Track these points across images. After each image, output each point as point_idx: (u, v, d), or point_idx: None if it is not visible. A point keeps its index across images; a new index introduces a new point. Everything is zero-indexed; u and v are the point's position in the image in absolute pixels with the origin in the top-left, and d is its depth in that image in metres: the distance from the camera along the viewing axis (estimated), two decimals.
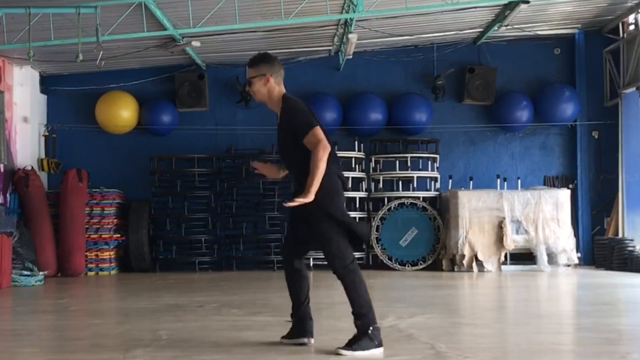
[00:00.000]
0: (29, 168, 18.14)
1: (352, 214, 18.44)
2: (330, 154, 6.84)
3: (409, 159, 18.95)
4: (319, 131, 6.79)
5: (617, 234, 18.58)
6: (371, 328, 6.76)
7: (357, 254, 18.24)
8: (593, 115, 19.67)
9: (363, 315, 6.78)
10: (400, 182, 19.07)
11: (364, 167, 19.18)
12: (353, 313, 6.84)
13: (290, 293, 7.23)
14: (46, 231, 17.55)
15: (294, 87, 19.18)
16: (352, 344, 6.74)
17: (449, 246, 17.79)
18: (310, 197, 6.66)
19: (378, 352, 6.72)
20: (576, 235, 18.51)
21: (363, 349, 6.69)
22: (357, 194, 18.75)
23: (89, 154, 19.67)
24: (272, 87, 7.08)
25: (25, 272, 15.48)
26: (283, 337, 7.27)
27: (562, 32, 19.69)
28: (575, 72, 19.83)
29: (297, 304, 7.19)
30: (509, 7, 16.73)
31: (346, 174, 18.32)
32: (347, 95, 19.76)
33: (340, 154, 18.59)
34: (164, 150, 19.44)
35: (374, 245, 18.15)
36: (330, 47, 19.31)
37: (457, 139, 19.99)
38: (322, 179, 6.77)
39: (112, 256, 18.40)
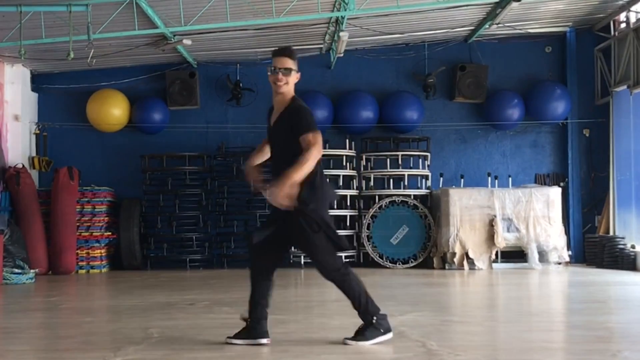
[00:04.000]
0: (20, 166, 18.11)
1: (344, 212, 18.51)
2: (322, 171, 7.06)
3: (400, 157, 18.96)
4: (320, 137, 6.86)
5: (608, 232, 18.62)
6: (375, 318, 7.04)
7: (348, 252, 18.34)
8: (584, 114, 19.70)
9: (364, 308, 7.04)
10: (391, 180, 19.09)
11: (354, 165, 19.19)
12: (355, 309, 7.09)
13: (254, 295, 7.16)
14: (37, 229, 17.52)
15: None
16: (357, 335, 7.07)
17: (440, 244, 17.80)
18: (288, 183, 6.66)
19: (386, 337, 7.06)
20: (567, 233, 18.54)
21: (367, 339, 7.01)
22: (348, 192, 18.74)
23: (80, 152, 19.65)
24: (294, 84, 7.22)
25: (17, 270, 15.46)
26: (232, 337, 7.18)
27: (554, 30, 19.73)
28: (567, 70, 19.86)
29: (259, 307, 7.16)
30: (500, 5, 16.75)
31: (337, 172, 18.61)
32: (338, 93, 19.77)
33: (331, 151, 18.66)
34: (155, 149, 19.44)
35: (365, 243, 18.16)
36: (322, 45, 19.31)
37: (448, 137, 20.01)
38: (318, 189, 6.91)
39: (103, 254, 18.38)
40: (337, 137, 19.27)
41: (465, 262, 17.45)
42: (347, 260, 18.40)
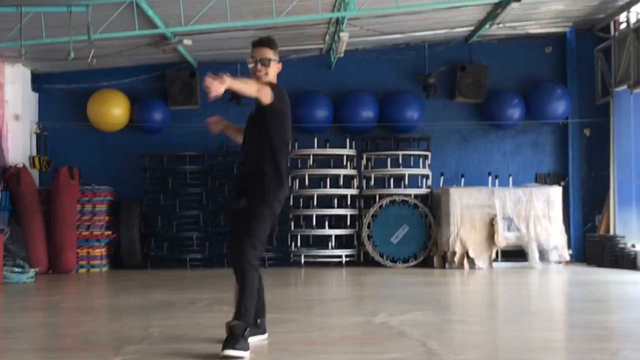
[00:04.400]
0: (21, 165, 18.11)
1: (344, 212, 18.54)
2: (285, 166, 7.08)
3: (400, 156, 18.96)
4: (269, 92, 6.97)
5: (608, 231, 18.63)
6: (247, 331, 6.75)
7: (348, 251, 18.39)
8: (584, 113, 19.70)
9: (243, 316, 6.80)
10: (391, 180, 19.08)
11: (355, 165, 19.18)
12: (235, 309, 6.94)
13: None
14: (38, 228, 17.53)
15: (285, 85, 19.18)
16: (227, 344, 6.63)
17: (441, 243, 17.80)
18: (225, 80, 6.57)
19: (246, 355, 6.62)
20: (567, 232, 18.54)
21: (237, 349, 6.58)
22: (349, 191, 18.75)
23: (80, 152, 19.66)
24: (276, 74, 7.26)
25: (17, 269, 15.47)
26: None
27: (554, 31, 19.73)
28: (567, 70, 19.86)
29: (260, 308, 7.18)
30: (500, 6, 16.75)
31: (338, 171, 18.64)
32: (338, 93, 19.77)
33: (332, 151, 18.70)
34: (155, 148, 19.44)
35: (365, 242, 18.18)
36: (322, 46, 19.32)
37: (448, 137, 20.01)
38: (278, 182, 6.98)
39: (104, 253, 18.38)
40: (337, 136, 19.29)
41: (465, 262, 17.45)
42: (348, 259, 18.43)
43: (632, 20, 18.15)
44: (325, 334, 7.54)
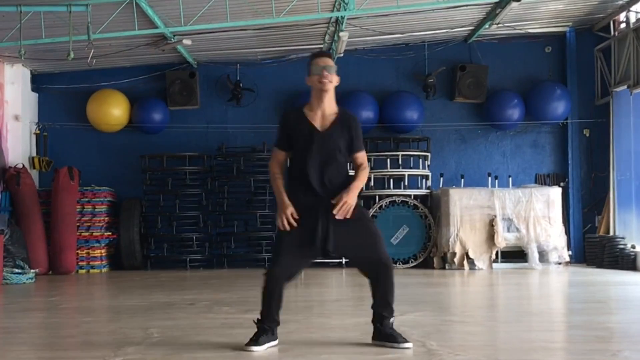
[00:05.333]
0: (20, 166, 18.12)
1: None
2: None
3: (400, 157, 18.96)
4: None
5: (608, 232, 18.62)
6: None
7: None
8: (584, 114, 19.70)
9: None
10: (391, 180, 19.07)
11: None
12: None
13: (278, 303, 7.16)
14: (37, 229, 17.53)
15: (285, 85, 19.37)
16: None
17: (440, 244, 17.80)
18: (354, 195, 6.86)
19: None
20: (567, 233, 18.55)
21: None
22: None
23: (80, 152, 19.66)
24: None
25: (17, 270, 15.47)
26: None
27: (553, 31, 19.73)
28: (567, 70, 19.86)
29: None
30: (500, 6, 16.76)
31: None
32: (338, 93, 19.40)
33: None
34: (155, 149, 19.45)
35: None
36: (322, 45, 19.30)
37: (448, 137, 20.01)
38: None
39: (103, 254, 18.39)
40: None
41: (465, 262, 17.45)
42: (348, 260, 18.40)
43: (632, 19, 18.14)
44: (325, 335, 7.52)
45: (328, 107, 7.12)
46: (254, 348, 6.80)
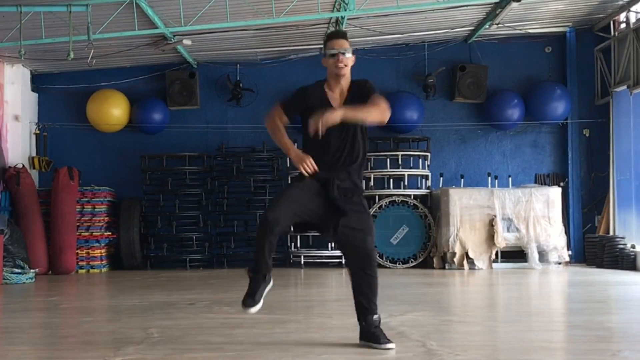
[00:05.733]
0: (20, 166, 18.12)
1: None
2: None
3: (400, 157, 18.95)
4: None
5: (608, 232, 18.62)
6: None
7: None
8: (584, 114, 19.69)
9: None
10: (391, 180, 19.07)
11: None
12: None
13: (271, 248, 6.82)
14: (37, 229, 17.53)
15: (285, 85, 19.36)
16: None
17: (440, 244, 17.80)
18: (346, 112, 6.97)
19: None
20: (567, 233, 18.54)
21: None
22: None
23: (80, 152, 19.67)
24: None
25: (16, 270, 15.47)
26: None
27: (553, 31, 19.72)
28: (567, 70, 19.84)
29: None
30: (500, 6, 16.76)
31: None
32: None
33: None
34: (155, 149, 19.45)
35: None
36: (322, 46, 19.29)
37: (448, 137, 20.00)
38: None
39: (103, 254, 18.39)
40: None
41: (465, 262, 17.45)
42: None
43: (632, 20, 18.14)
44: (326, 335, 7.53)
45: (345, 85, 7.45)
46: (252, 309, 6.74)
